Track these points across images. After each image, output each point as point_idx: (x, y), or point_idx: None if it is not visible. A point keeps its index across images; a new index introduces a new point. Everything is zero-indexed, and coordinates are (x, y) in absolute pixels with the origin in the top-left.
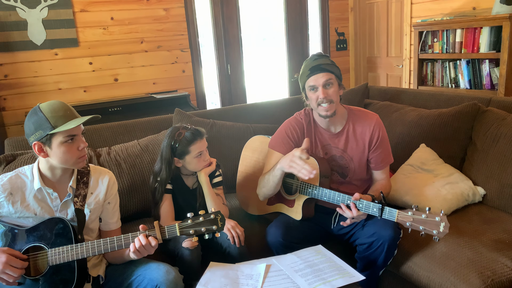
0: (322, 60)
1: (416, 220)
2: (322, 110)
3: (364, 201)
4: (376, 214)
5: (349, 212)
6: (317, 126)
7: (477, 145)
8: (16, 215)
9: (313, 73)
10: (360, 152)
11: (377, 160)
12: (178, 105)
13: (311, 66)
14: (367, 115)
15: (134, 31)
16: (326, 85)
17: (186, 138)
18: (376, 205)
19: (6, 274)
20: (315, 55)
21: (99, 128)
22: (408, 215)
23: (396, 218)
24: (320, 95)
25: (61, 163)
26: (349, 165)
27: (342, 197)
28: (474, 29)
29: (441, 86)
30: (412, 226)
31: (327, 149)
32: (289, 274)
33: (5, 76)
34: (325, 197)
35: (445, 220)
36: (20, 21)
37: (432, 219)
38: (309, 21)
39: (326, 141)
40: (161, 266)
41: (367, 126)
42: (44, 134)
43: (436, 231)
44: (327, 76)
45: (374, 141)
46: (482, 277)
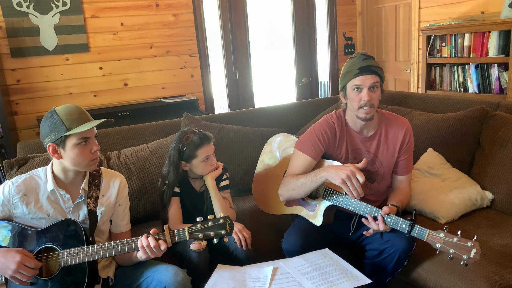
0: (372, 62)
1: (447, 243)
2: (362, 112)
3: (393, 216)
4: (405, 231)
5: (375, 225)
6: (349, 130)
7: (485, 149)
8: (30, 216)
9: (362, 73)
10: (391, 156)
11: (403, 165)
12: (186, 109)
13: (360, 65)
14: (398, 119)
15: (143, 36)
16: (372, 87)
17: (194, 142)
18: (405, 222)
19: (20, 274)
20: (363, 54)
21: (109, 132)
22: (439, 236)
23: (425, 238)
24: (364, 97)
25: (74, 165)
26: (379, 169)
27: (369, 208)
28: (482, 33)
29: (449, 91)
30: (442, 248)
31: (357, 153)
32: (296, 277)
33: (18, 81)
34: (351, 206)
35: (478, 246)
36: (33, 27)
37: (464, 243)
38: (317, 25)
39: (357, 145)
40: (170, 268)
41: (399, 131)
42: (58, 136)
43: (466, 256)
44: (375, 78)
45: (405, 145)
46: (489, 281)
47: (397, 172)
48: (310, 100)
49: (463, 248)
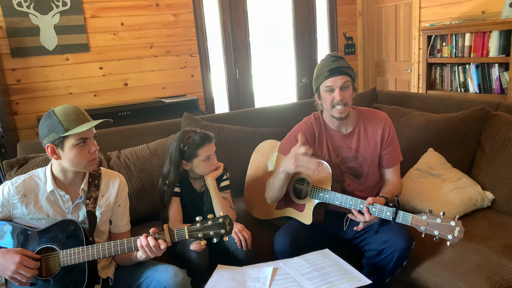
0: (341, 63)
1: (431, 225)
2: (336, 112)
3: (377, 205)
4: (390, 218)
5: (362, 217)
6: (327, 129)
7: (485, 149)
8: (29, 216)
9: (332, 74)
10: (373, 150)
11: (388, 158)
12: (186, 109)
13: (330, 67)
14: (376, 114)
15: (143, 36)
16: (343, 87)
17: (195, 142)
18: (389, 209)
19: (20, 274)
20: (333, 56)
21: (109, 132)
22: (422, 219)
23: (410, 222)
24: (336, 97)
25: (72, 166)
26: (363, 165)
27: (354, 201)
28: (483, 33)
29: (450, 91)
30: (426, 230)
31: (339, 151)
32: (296, 277)
33: (18, 81)
34: (337, 201)
35: (460, 224)
36: (33, 27)
37: (447, 223)
38: (317, 25)
39: (338, 143)
40: (169, 268)
41: (378, 125)
42: (57, 137)
43: (450, 235)
44: (345, 78)
45: (386, 138)
46: (490, 282)
47: (383, 165)
48: (311, 100)
49: (447, 228)
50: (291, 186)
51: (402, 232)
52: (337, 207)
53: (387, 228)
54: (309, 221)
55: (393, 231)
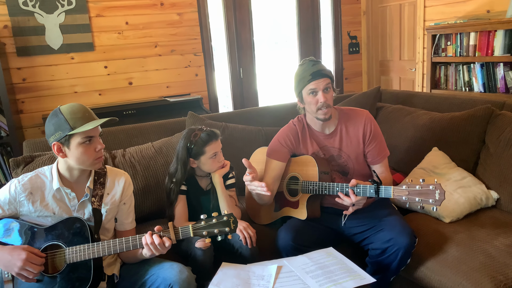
0: (321, 66)
1: (412, 193)
2: (321, 114)
3: (360, 185)
4: (373, 195)
5: (348, 199)
6: (311, 130)
7: (490, 149)
8: (36, 214)
9: (315, 78)
10: (356, 148)
11: (373, 153)
12: (191, 108)
13: (312, 71)
14: (357, 112)
15: (148, 35)
16: (326, 89)
17: (202, 139)
18: (372, 186)
19: (26, 271)
20: (311, 60)
21: (114, 131)
22: (403, 189)
23: (392, 194)
24: (320, 99)
25: (78, 164)
26: (348, 162)
27: (340, 186)
28: (488, 32)
29: (454, 90)
30: (409, 199)
31: (325, 150)
32: (300, 275)
33: (23, 80)
34: (325, 190)
35: (440, 187)
36: (38, 26)
37: (427, 188)
38: (321, 24)
39: (323, 142)
40: (174, 266)
41: (359, 123)
42: (63, 135)
43: (432, 199)
44: (327, 81)
45: (368, 135)
46: (494, 281)
47: (370, 162)
48: None
49: (427, 193)
50: (285, 186)
51: (405, 229)
52: (333, 203)
53: (390, 227)
54: (304, 216)
55: (396, 229)
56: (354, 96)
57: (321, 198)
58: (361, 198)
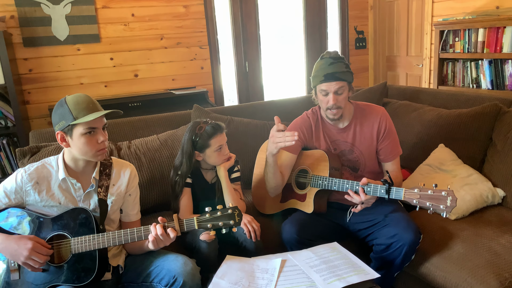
0: (337, 67)
1: (423, 197)
2: (330, 114)
3: (371, 184)
4: (384, 195)
5: (357, 197)
6: (324, 123)
7: (497, 146)
8: (42, 203)
9: (327, 80)
10: (369, 144)
11: (386, 151)
12: (196, 101)
13: (325, 72)
14: (373, 108)
15: (154, 27)
16: (337, 92)
17: (207, 132)
18: (383, 187)
19: (32, 260)
20: (331, 57)
21: (120, 123)
22: (414, 192)
23: (403, 197)
24: (330, 101)
25: (81, 154)
26: (359, 158)
27: (351, 184)
28: (497, 29)
29: (462, 86)
30: (419, 203)
31: (336, 144)
32: (304, 269)
33: (30, 71)
34: (335, 186)
35: (452, 194)
36: (45, 17)
37: (439, 193)
38: (328, 19)
39: (335, 136)
40: (179, 258)
41: (374, 119)
42: (66, 125)
43: (443, 206)
44: (340, 84)
45: (382, 132)
46: (499, 278)
47: (381, 159)
48: None
49: (439, 198)
50: (293, 178)
51: (410, 225)
52: (340, 198)
53: (395, 222)
54: (310, 209)
55: (401, 225)
56: (361, 92)
57: (328, 193)
58: (370, 197)
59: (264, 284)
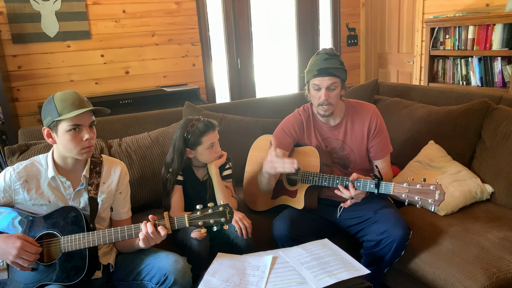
0: (332, 62)
1: (412, 191)
2: (321, 109)
3: (361, 179)
4: (374, 190)
5: (347, 192)
6: (316, 120)
7: (486, 142)
8: (31, 202)
9: (320, 75)
10: (359, 142)
11: (377, 149)
12: (188, 98)
13: (320, 67)
14: (364, 106)
15: (145, 24)
16: (330, 88)
17: (199, 129)
18: (372, 182)
19: (21, 259)
20: (326, 53)
21: (110, 120)
22: (403, 186)
23: (392, 191)
24: (322, 97)
25: (66, 152)
26: (350, 156)
27: (341, 179)
28: (487, 26)
29: (452, 83)
30: (408, 197)
31: (328, 142)
32: (295, 266)
33: (19, 67)
34: (325, 182)
35: (440, 188)
36: (34, 13)
37: (427, 187)
38: (320, 16)
39: (326, 133)
40: (170, 256)
41: (365, 117)
42: (51, 121)
43: (431, 199)
44: (333, 80)
45: (372, 130)
46: (487, 273)
47: (372, 157)
48: None
49: (427, 192)
50: (284, 175)
51: (399, 222)
52: (331, 195)
53: (385, 219)
54: (301, 205)
55: (391, 221)
56: (352, 89)
57: (319, 189)
58: (360, 192)
59: (255, 281)
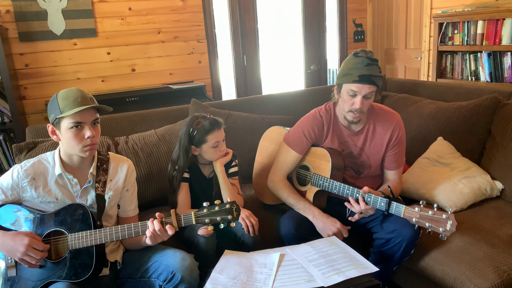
0: (373, 70)
1: (423, 217)
2: (350, 116)
3: (372, 195)
4: (383, 208)
5: (357, 206)
6: (337, 123)
7: (496, 139)
8: (39, 199)
9: (361, 82)
10: (378, 151)
11: (391, 160)
12: (194, 95)
13: (361, 73)
14: (388, 114)
15: (151, 21)
16: (367, 96)
17: (204, 127)
18: (383, 200)
19: (29, 256)
20: (368, 58)
21: (117, 118)
22: (414, 211)
23: (402, 214)
24: (357, 104)
25: (69, 149)
26: (365, 163)
27: (351, 190)
28: (496, 21)
29: (460, 79)
30: (418, 222)
31: (345, 146)
32: (303, 263)
33: (26, 66)
34: (335, 189)
35: (453, 218)
36: (41, 11)
37: (439, 216)
38: (326, 12)
39: (345, 138)
40: (177, 253)
41: (388, 127)
42: (54, 118)
43: (442, 229)
44: (372, 88)
45: (393, 140)
46: (498, 271)
47: (385, 166)
48: (319, 88)
49: (439, 221)
50: (295, 172)
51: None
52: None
53: (394, 217)
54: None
55: (400, 220)
56: None
57: (328, 192)
58: (370, 208)
59: (262, 278)
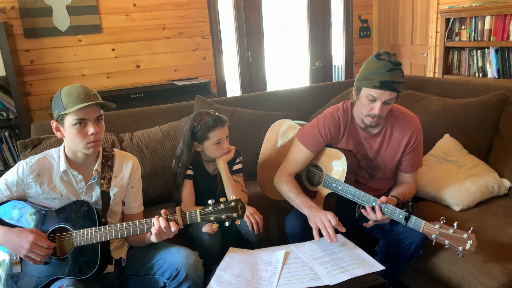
0: (396, 75)
1: (442, 234)
2: (368, 120)
3: (390, 206)
4: (402, 221)
5: (374, 215)
6: (354, 124)
7: (504, 136)
8: (44, 196)
9: (382, 88)
10: (393, 155)
11: (408, 164)
12: (198, 92)
13: (383, 79)
14: (407, 118)
15: (156, 17)
16: (387, 101)
17: (207, 124)
18: (402, 212)
19: (34, 253)
20: (391, 62)
21: (122, 114)
22: (435, 228)
23: (421, 229)
24: (376, 110)
25: (72, 146)
26: (380, 166)
27: (368, 197)
28: (504, 16)
29: (467, 75)
30: (437, 239)
31: (360, 148)
32: (308, 261)
33: (31, 62)
34: (350, 195)
35: (473, 238)
36: (45, 8)
37: (460, 235)
38: (332, 7)
39: (361, 140)
40: (182, 250)
41: (406, 130)
42: (58, 115)
43: (461, 247)
44: (393, 95)
45: (410, 145)
46: (505, 270)
47: (401, 169)
48: (324, 84)
49: (458, 240)
50: (304, 172)
51: None
52: None
53: None
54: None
55: None
56: None
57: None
58: (386, 218)
59: (267, 276)
